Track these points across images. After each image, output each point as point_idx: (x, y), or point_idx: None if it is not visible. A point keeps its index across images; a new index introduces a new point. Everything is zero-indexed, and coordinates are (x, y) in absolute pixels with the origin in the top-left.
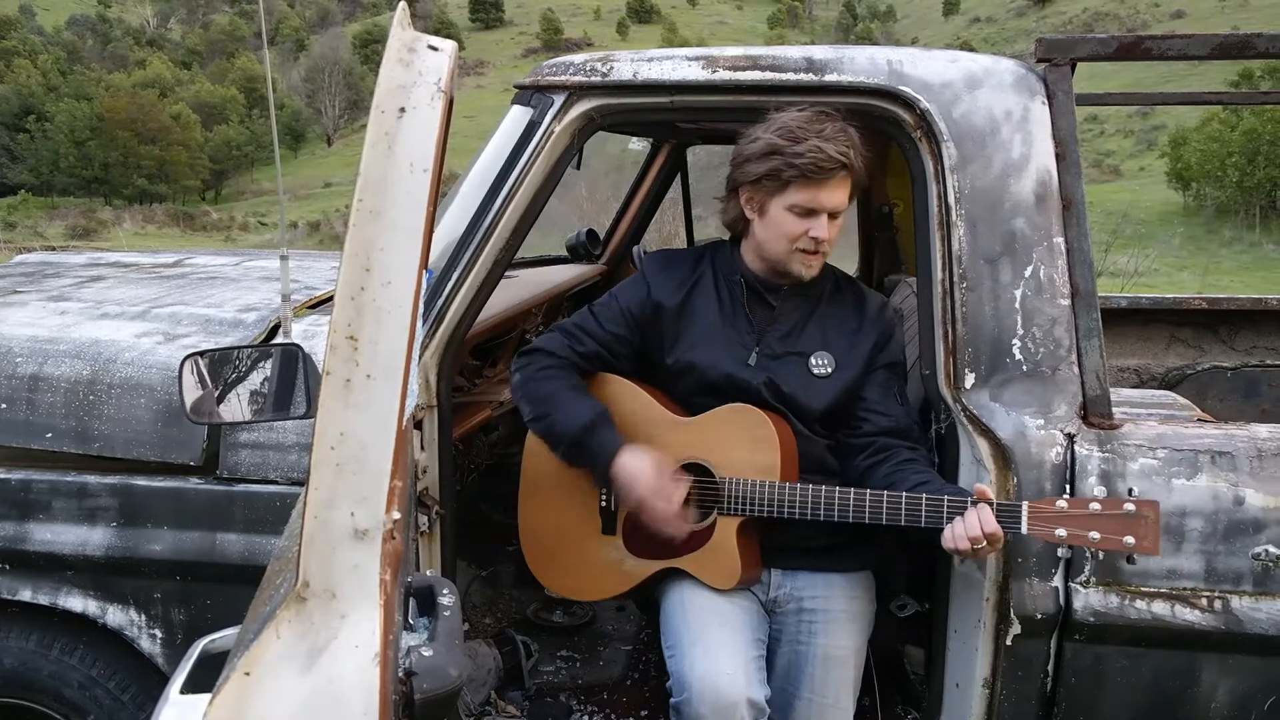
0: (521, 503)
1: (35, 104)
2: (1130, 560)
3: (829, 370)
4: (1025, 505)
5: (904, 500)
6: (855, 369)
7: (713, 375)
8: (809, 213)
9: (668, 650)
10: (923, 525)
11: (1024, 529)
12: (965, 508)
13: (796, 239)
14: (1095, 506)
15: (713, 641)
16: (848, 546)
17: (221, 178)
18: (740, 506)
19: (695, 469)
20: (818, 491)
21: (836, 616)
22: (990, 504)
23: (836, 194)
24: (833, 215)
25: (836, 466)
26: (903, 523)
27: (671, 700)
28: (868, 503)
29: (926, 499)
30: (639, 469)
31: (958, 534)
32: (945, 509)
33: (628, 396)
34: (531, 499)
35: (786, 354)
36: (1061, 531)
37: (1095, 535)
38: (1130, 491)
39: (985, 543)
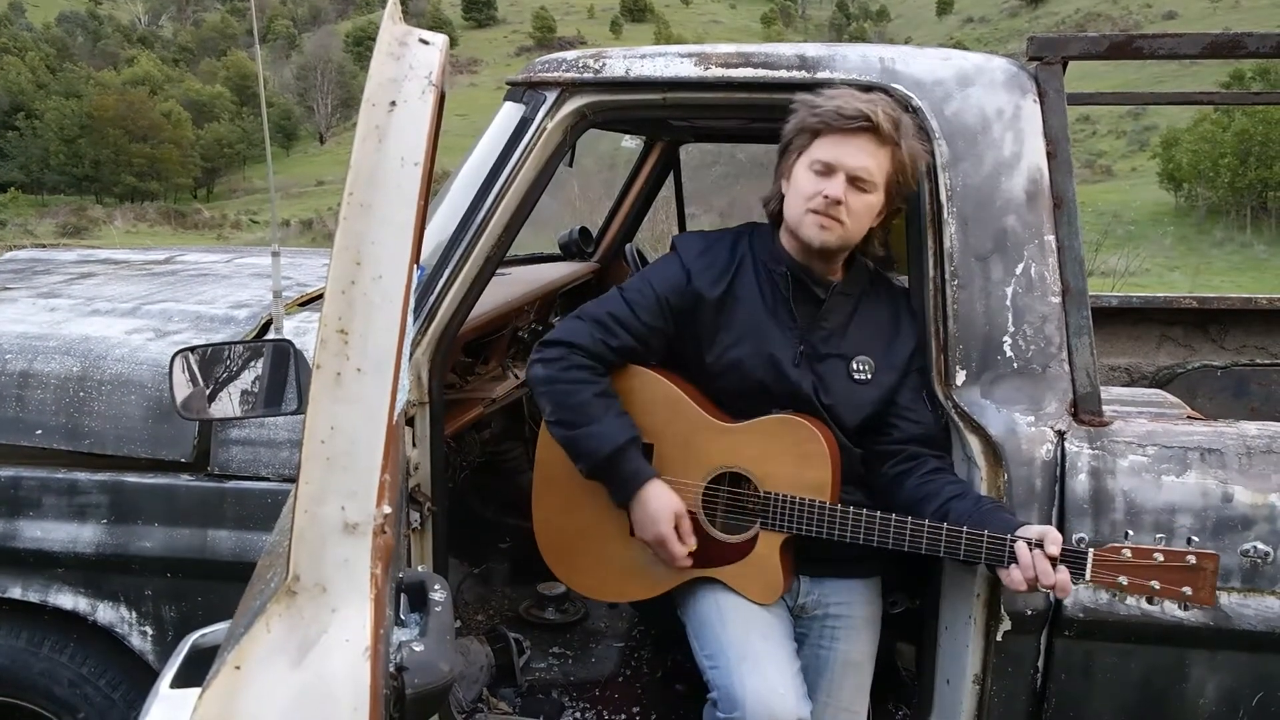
0: (536, 499)
1: (25, 101)
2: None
3: (869, 376)
4: (1091, 552)
5: (964, 535)
6: (893, 375)
7: (757, 376)
8: (828, 170)
9: (708, 661)
10: (983, 562)
11: (1088, 576)
12: (1030, 547)
13: (811, 198)
14: (1159, 557)
15: (759, 656)
16: (869, 554)
17: (213, 175)
18: (788, 524)
19: (732, 478)
20: (871, 517)
21: (856, 622)
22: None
23: (859, 154)
24: (855, 182)
25: (864, 475)
26: (961, 558)
27: (719, 715)
28: (926, 534)
29: (988, 536)
30: (666, 507)
31: (1018, 579)
32: (1008, 549)
33: (663, 396)
34: (548, 495)
35: (829, 355)
36: (1124, 580)
37: (1156, 585)
38: (1187, 540)
39: (1053, 590)
